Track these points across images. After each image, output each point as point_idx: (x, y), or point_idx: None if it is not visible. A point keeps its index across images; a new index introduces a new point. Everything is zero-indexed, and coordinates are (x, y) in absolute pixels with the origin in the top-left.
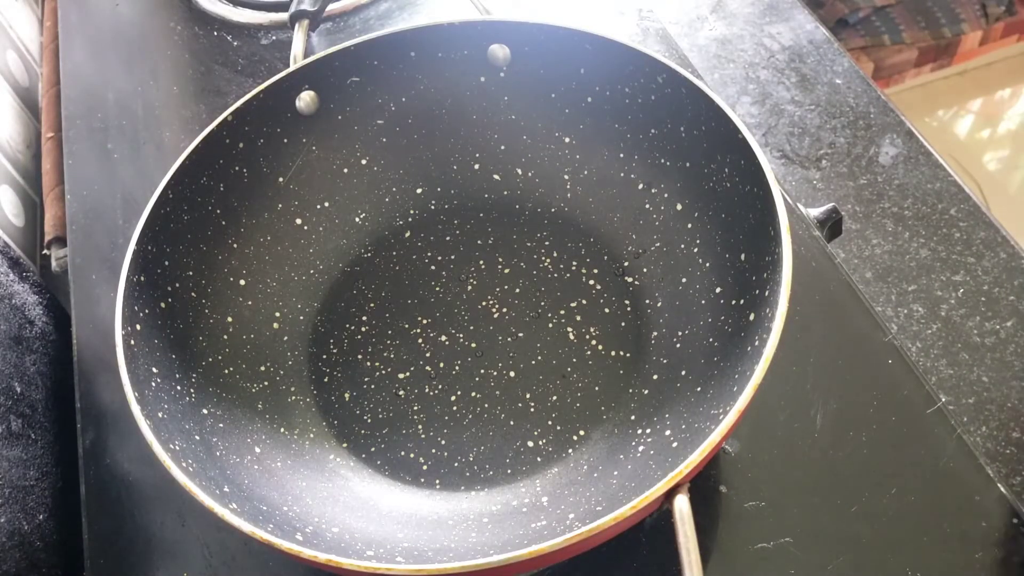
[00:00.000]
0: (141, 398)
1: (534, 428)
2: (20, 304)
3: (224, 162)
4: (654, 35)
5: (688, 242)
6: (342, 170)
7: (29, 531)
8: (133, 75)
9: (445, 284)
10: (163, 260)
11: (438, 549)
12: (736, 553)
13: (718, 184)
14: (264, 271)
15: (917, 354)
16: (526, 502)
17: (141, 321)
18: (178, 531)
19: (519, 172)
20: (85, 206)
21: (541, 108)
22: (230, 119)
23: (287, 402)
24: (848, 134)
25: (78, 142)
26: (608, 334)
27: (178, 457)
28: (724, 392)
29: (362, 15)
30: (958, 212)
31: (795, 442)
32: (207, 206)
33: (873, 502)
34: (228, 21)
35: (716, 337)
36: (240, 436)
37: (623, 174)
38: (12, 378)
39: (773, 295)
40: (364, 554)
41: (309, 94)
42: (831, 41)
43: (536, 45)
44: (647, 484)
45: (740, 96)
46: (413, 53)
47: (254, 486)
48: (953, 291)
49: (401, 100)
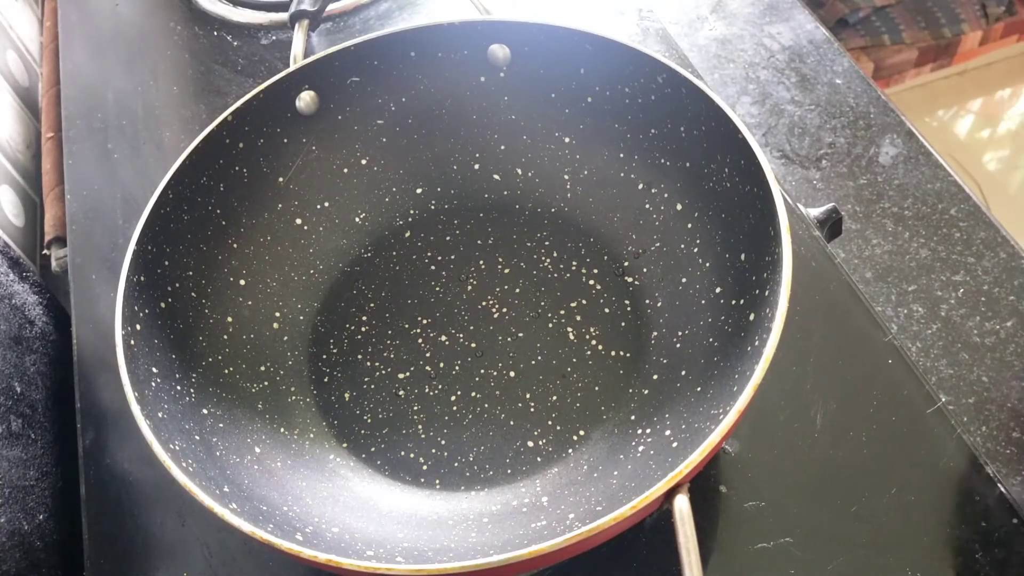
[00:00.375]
0: (141, 398)
1: (534, 428)
2: (20, 304)
3: (224, 162)
4: (654, 35)
5: (688, 242)
6: (342, 170)
7: (29, 531)
8: (133, 75)
9: (445, 284)
10: (163, 260)
11: (438, 549)
12: (736, 553)
13: (718, 184)
14: (264, 271)
15: (917, 354)
16: (526, 502)
17: (141, 321)
18: (178, 531)
19: (519, 172)
20: (85, 206)
21: (541, 108)
22: (230, 119)
23: (287, 402)
24: (848, 134)
25: (78, 142)
26: (608, 334)
27: (178, 457)
28: (724, 392)
29: (362, 15)
30: (958, 212)
31: (795, 442)
32: (207, 206)
33: (873, 502)
34: (228, 21)
35: (716, 337)
36: (240, 436)
37: (623, 174)
38: (12, 378)
39: (773, 295)
40: (364, 554)
41: (309, 94)
42: (831, 41)
43: (536, 45)
44: (647, 484)
45: (740, 96)
46: (413, 53)
47: (254, 486)
48: (953, 291)
49: (401, 100)
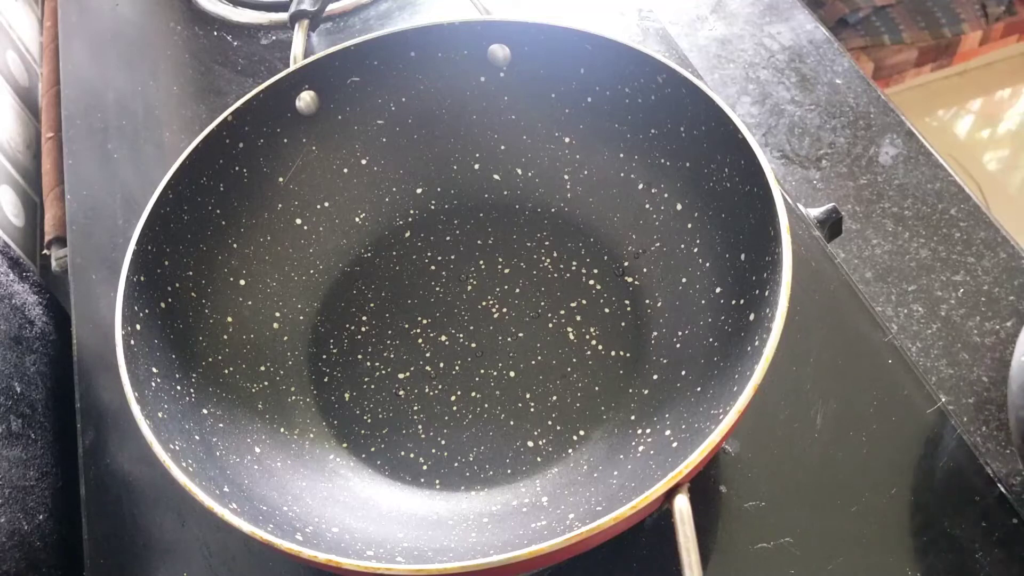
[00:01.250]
0: (141, 398)
1: (534, 428)
2: (20, 304)
3: (224, 162)
4: (654, 35)
5: (688, 242)
6: (342, 170)
7: (29, 531)
8: (133, 75)
9: (445, 284)
10: (163, 260)
11: (438, 549)
12: (736, 553)
13: (718, 184)
14: (264, 271)
15: (917, 354)
16: (526, 502)
17: (141, 321)
18: (178, 531)
19: (519, 172)
20: (85, 206)
21: (541, 108)
22: (230, 119)
23: (287, 402)
24: (848, 134)
25: (78, 142)
26: (608, 334)
27: (178, 457)
28: (724, 392)
29: (362, 15)
30: (958, 212)
31: (795, 442)
32: (207, 206)
33: (873, 502)
34: (228, 21)
35: (716, 337)
36: (240, 436)
37: (623, 174)
38: (12, 378)
39: (773, 295)
40: (364, 554)
41: (309, 94)
42: (831, 41)
43: (536, 45)
44: (647, 484)
45: (740, 96)
46: (413, 53)
47: (254, 486)
48: (953, 291)
49: (401, 100)
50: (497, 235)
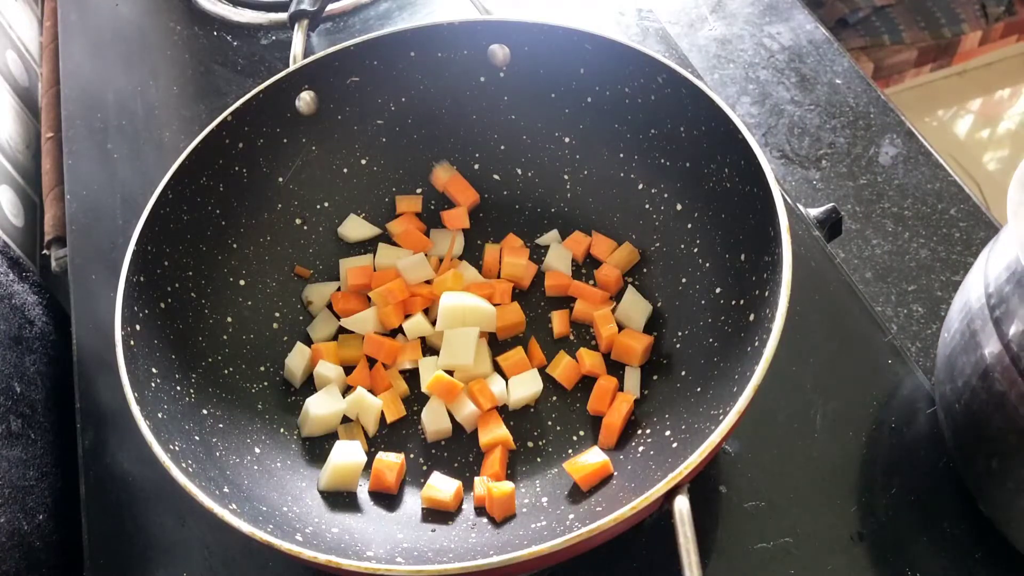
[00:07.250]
0: (141, 398)
1: (534, 428)
2: (20, 304)
3: (224, 162)
4: (654, 35)
5: (688, 242)
6: (342, 170)
7: (29, 531)
8: (133, 75)
9: None
10: (163, 260)
11: (438, 549)
12: (736, 553)
13: (718, 184)
14: (264, 271)
15: (917, 354)
16: (526, 502)
17: (141, 321)
18: (178, 531)
19: (519, 172)
20: (85, 206)
21: (541, 108)
22: (230, 119)
23: (287, 402)
24: (848, 134)
25: (78, 142)
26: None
27: (178, 457)
28: (724, 392)
29: (362, 15)
30: (958, 212)
31: (795, 442)
32: (207, 206)
33: (873, 502)
34: (228, 21)
35: (716, 337)
36: (240, 436)
37: (623, 174)
38: (12, 378)
39: (773, 295)
40: (364, 554)
41: (309, 94)
42: (831, 41)
43: (536, 45)
44: (647, 484)
45: (740, 96)
46: (413, 53)
47: (254, 486)
48: (953, 291)
49: (401, 100)
50: (497, 235)
